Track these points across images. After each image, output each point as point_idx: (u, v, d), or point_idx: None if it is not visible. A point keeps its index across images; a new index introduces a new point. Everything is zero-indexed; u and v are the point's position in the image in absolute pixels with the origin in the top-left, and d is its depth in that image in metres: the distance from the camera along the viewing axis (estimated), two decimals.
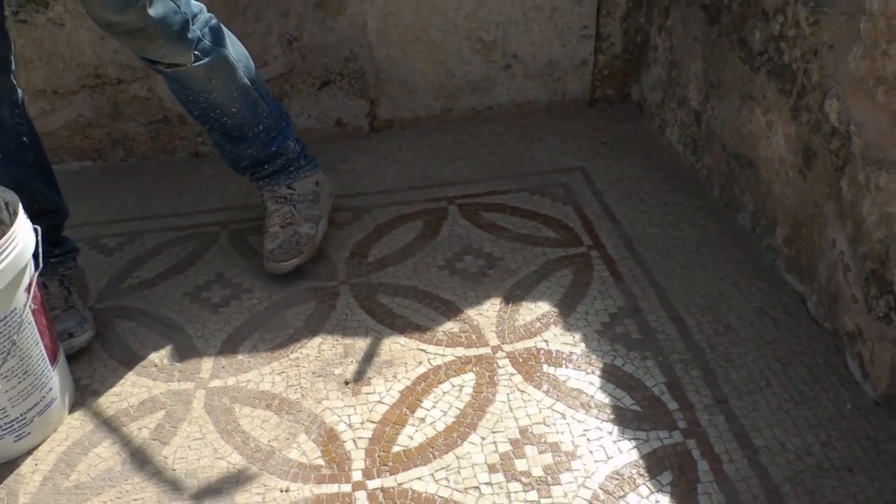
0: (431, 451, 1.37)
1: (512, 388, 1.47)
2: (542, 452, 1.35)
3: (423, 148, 2.16)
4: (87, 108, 2.08)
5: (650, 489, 1.28)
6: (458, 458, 1.36)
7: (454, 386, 1.49)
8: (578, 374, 1.49)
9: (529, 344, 1.56)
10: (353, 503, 1.29)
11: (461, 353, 1.55)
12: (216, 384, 1.51)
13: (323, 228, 1.81)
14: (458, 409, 1.44)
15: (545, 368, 1.50)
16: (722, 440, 1.35)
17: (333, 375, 1.52)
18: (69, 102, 2.07)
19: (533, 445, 1.37)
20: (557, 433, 1.38)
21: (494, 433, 1.39)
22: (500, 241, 1.82)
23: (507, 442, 1.38)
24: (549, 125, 2.26)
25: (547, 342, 1.56)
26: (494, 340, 1.57)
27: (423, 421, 1.42)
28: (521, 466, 1.33)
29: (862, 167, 1.39)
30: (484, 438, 1.38)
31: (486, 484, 1.31)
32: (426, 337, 1.59)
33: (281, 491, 1.32)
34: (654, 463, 1.32)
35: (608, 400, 1.44)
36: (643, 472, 1.31)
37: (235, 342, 1.61)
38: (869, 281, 1.39)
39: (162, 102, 2.10)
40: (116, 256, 1.84)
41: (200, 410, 1.46)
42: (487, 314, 1.63)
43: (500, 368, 1.51)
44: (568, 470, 1.32)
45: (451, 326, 1.61)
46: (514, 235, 1.83)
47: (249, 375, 1.53)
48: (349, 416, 1.44)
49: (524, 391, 1.46)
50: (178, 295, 1.73)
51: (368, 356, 1.56)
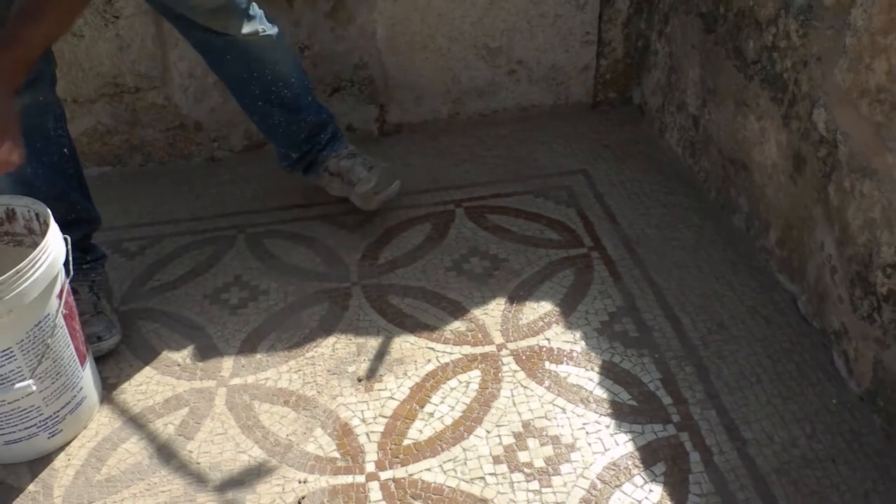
0: (440, 443, 1.42)
1: (515, 384, 1.52)
2: (543, 445, 1.41)
3: (430, 151, 2.21)
4: (105, 115, 2.13)
5: (644, 479, 1.34)
6: (464, 450, 1.41)
7: (461, 382, 1.53)
8: (578, 370, 1.54)
9: (532, 342, 1.61)
10: (366, 493, 1.34)
11: (468, 351, 1.60)
12: (236, 382, 1.56)
13: None
14: (464, 404, 1.49)
15: (547, 365, 1.56)
16: (713, 433, 1.41)
17: (347, 373, 1.57)
18: (88, 110, 2.12)
19: (535, 438, 1.42)
20: (558, 427, 1.44)
21: (499, 427, 1.44)
22: (504, 242, 1.87)
23: (510, 435, 1.43)
24: (552, 128, 2.30)
25: (549, 340, 1.61)
26: (499, 339, 1.62)
27: (431, 415, 1.47)
28: (523, 458, 1.39)
29: (847, 174, 1.43)
30: (489, 432, 1.43)
31: (490, 475, 1.36)
32: (434, 336, 1.64)
33: (299, 482, 1.37)
34: (648, 454, 1.38)
35: (606, 395, 1.49)
36: (638, 463, 1.37)
37: (254, 342, 1.65)
38: (854, 282, 1.44)
39: (178, 110, 2.15)
40: (138, 260, 1.88)
41: (222, 407, 1.51)
42: (493, 314, 1.68)
43: (504, 365, 1.56)
44: (567, 461, 1.38)
45: (458, 326, 1.66)
46: (518, 237, 1.88)
47: (268, 373, 1.58)
48: (362, 411, 1.49)
49: (527, 387, 1.52)
50: (198, 297, 1.77)
51: (380, 354, 1.61)
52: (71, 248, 1.57)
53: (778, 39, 1.62)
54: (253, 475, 1.39)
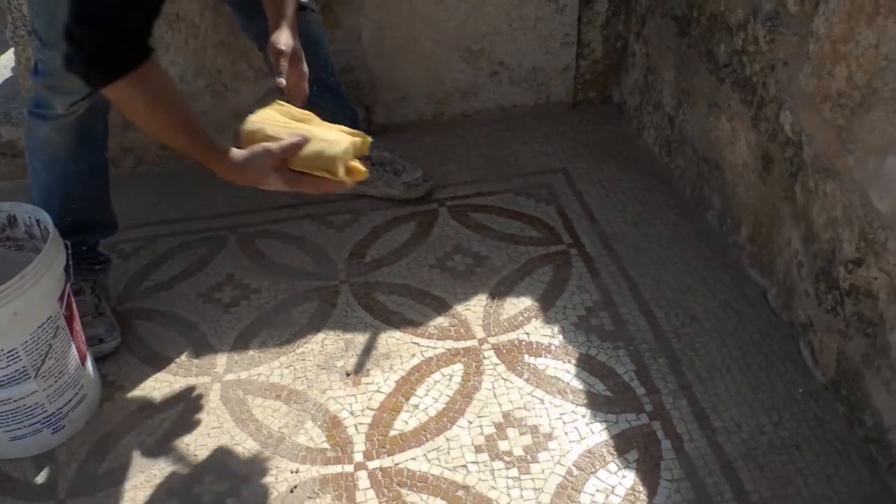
0: (424, 434, 1.47)
1: (496, 376, 1.57)
2: (522, 434, 1.45)
3: (415, 151, 2.22)
4: None
5: (618, 466, 1.39)
6: (448, 440, 1.45)
7: (444, 375, 1.58)
8: (556, 363, 1.59)
9: (512, 336, 1.66)
10: (355, 482, 1.39)
11: (451, 345, 1.65)
12: (230, 378, 1.60)
13: None
14: (447, 396, 1.53)
15: (526, 358, 1.60)
16: (684, 422, 1.46)
17: (336, 368, 1.61)
18: None
19: (514, 428, 1.46)
20: (537, 417, 1.48)
21: (480, 417, 1.49)
22: (486, 240, 1.91)
23: (491, 425, 1.47)
24: (534, 128, 2.34)
25: (528, 334, 1.66)
26: (481, 333, 1.67)
27: (416, 407, 1.52)
28: (504, 447, 1.43)
29: (812, 175, 1.48)
30: (471, 422, 1.48)
31: (472, 463, 1.41)
32: (419, 331, 1.68)
33: (291, 472, 1.41)
34: (622, 442, 1.43)
35: (582, 386, 1.54)
36: (613, 450, 1.42)
37: (246, 339, 1.68)
38: (819, 277, 1.48)
39: None
40: (133, 261, 1.90)
41: (217, 402, 1.55)
42: (474, 309, 1.73)
43: (485, 359, 1.61)
44: (545, 449, 1.42)
45: (441, 321, 1.71)
46: (499, 235, 1.92)
47: (260, 369, 1.62)
48: (351, 404, 1.53)
49: (507, 379, 1.56)
50: (191, 296, 1.80)
51: (367, 350, 1.65)
52: (84, 251, 1.64)
53: (747, 44, 1.66)
54: (247, 466, 1.43)
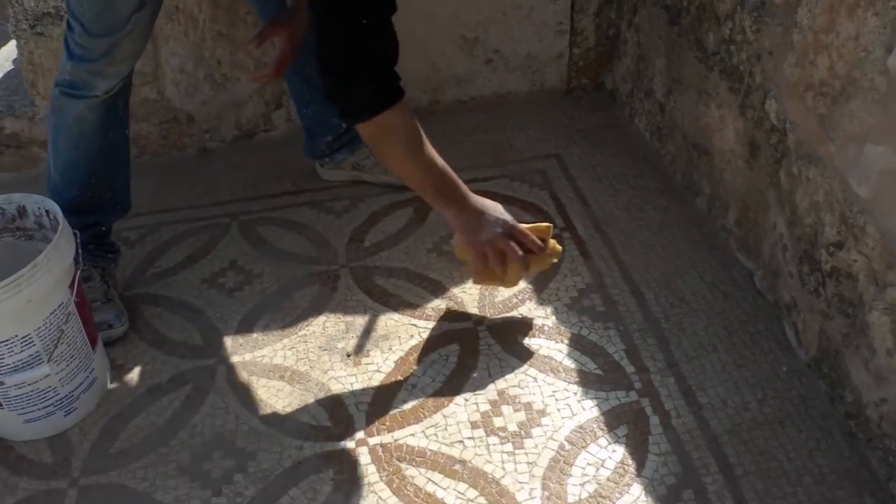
0: (422, 411, 1.51)
1: (491, 356, 1.61)
2: (516, 411, 1.50)
3: None
4: None
5: (608, 440, 1.44)
6: (445, 417, 1.49)
7: (441, 356, 1.62)
8: (549, 343, 1.63)
9: (507, 317, 1.70)
10: (356, 457, 1.43)
11: (447, 326, 1.69)
12: (236, 360, 1.64)
13: None
14: (444, 375, 1.58)
15: (520, 339, 1.65)
16: (671, 398, 1.50)
17: (337, 349, 1.65)
18: None
19: (509, 405, 1.51)
20: (530, 394, 1.53)
21: (476, 395, 1.53)
22: None
23: (486, 402, 1.52)
24: (528, 114, 2.37)
25: (522, 316, 1.71)
26: (476, 315, 1.71)
27: (414, 386, 1.56)
28: (498, 423, 1.48)
29: (796, 161, 1.51)
30: (467, 400, 1.52)
31: (468, 438, 1.45)
32: (417, 313, 1.72)
33: (295, 448, 1.45)
34: (612, 418, 1.47)
35: (574, 365, 1.58)
36: (603, 426, 1.46)
37: (250, 322, 1.72)
38: (802, 260, 1.52)
39: (171, 103, 2.21)
40: (138, 248, 1.93)
41: (223, 383, 1.59)
42: (470, 292, 1.76)
43: (481, 339, 1.65)
44: (539, 425, 1.47)
45: (438, 303, 1.75)
46: None
47: (264, 351, 1.66)
48: (352, 384, 1.58)
49: (502, 359, 1.61)
50: (196, 282, 1.83)
51: (367, 331, 1.69)
52: (103, 231, 1.70)
53: (734, 33, 1.70)
54: (253, 443, 1.47)
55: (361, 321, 1.72)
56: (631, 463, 1.41)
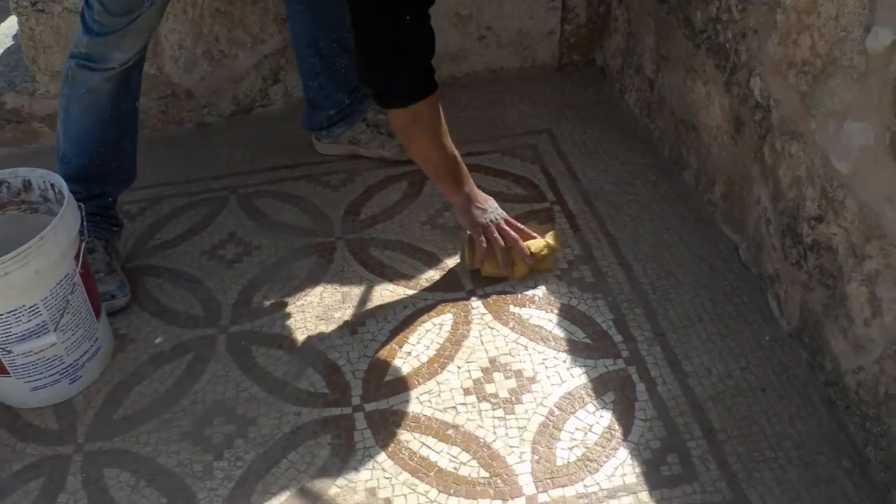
0: (417, 378, 1.55)
1: (483, 325, 1.65)
2: (507, 378, 1.54)
3: None
4: None
5: (596, 406, 1.48)
6: (438, 384, 1.54)
7: (435, 325, 1.66)
8: (539, 312, 1.67)
9: (498, 288, 1.73)
10: (353, 423, 1.48)
11: (441, 297, 1.72)
12: (235, 329, 1.67)
13: None
14: (438, 344, 1.62)
15: (511, 309, 1.69)
16: (657, 366, 1.55)
17: (334, 318, 1.69)
18: None
19: (500, 372, 1.55)
20: (521, 362, 1.57)
21: (468, 363, 1.57)
22: None
23: (479, 370, 1.56)
24: (520, 90, 2.40)
25: (513, 286, 1.73)
26: (469, 285, 1.74)
27: (409, 354, 1.60)
28: (490, 390, 1.52)
29: (779, 137, 1.55)
30: (460, 367, 1.56)
31: (461, 404, 1.50)
32: (411, 284, 1.76)
33: (294, 414, 1.49)
34: (600, 385, 1.52)
35: (563, 334, 1.63)
36: (591, 392, 1.51)
37: (249, 293, 1.75)
38: (785, 233, 1.56)
39: (170, 79, 2.24)
40: (139, 221, 1.97)
41: (223, 352, 1.62)
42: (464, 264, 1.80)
43: (473, 309, 1.69)
44: (529, 392, 1.51)
45: (432, 274, 1.78)
46: (488, 193, 1.94)
47: (263, 321, 1.69)
48: (348, 352, 1.61)
49: (493, 328, 1.65)
50: (196, 253, 1.86)
51: (363, 301, 1.72)
52: (110, 202, 1.74)
53: (721, 12, 1.72)
54: (253, 410, 1.51)
55: (357, 292, 1.75)
56: (618, 428, 1.45)
